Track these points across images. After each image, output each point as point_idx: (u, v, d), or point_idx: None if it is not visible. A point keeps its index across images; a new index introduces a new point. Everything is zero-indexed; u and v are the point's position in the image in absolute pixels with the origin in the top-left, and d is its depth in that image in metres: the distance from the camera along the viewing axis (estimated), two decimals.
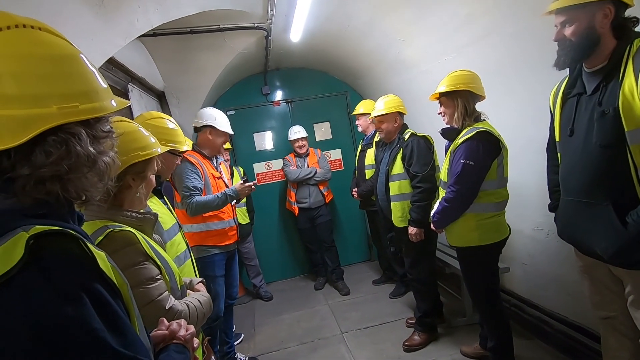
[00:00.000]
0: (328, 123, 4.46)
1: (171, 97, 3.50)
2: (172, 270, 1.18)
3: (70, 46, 0.58)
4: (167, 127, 1.70)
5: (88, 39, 1.64)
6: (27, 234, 0.47)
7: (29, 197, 0.52)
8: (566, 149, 1.45)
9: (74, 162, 0.54)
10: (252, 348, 2.96)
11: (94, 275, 0.52)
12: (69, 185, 0.55)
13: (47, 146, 0.51)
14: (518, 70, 2.18)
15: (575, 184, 1.40)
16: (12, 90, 0.49)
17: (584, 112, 1.34)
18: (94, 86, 0.58)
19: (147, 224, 1.16)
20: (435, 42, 2.71)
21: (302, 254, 4.38)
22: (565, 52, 1.31)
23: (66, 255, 0.50)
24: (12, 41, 0.52)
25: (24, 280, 0.45)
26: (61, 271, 0.48)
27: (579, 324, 2.14)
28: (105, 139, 0.61)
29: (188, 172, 2.19)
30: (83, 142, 0.55)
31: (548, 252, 2.29)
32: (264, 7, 2.79)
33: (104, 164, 0.59)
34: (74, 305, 0.47)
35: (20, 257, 0.45)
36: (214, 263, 2.27)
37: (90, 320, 0.48)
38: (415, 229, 2.40)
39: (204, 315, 1.21)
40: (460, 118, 1.97)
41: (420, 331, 2.62)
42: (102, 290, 0.52)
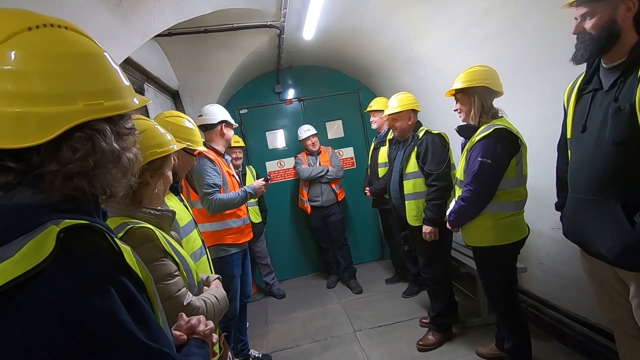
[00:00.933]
0: (340, 121, 4.45)
1: (185, 96, 3.54)
2: (189, 267, 1.20)
3: (95, 45, 0.60)
4: (185, 126, 1.73)
5: (106, 39, 1.67)
6: (57, 228, 0.48)
7: (57, 192, 0.53)
8: (577, 145, 1.41)
9: (99, 157, 0.55)
10: (266, 345, 2.98)
11: (121, 269, 0.53)
12: (95, 180, 0.56)
13: (74, 142, 0.53)
14: (539, 66, 2.13)
15: (583, 180, 1.36)
16: (40, 88, 0.50)
17: (598, 108, 1.30)
18: (117, 84, 0.59)
19: (165, 221, 1.18)
20: (450, 38, 2.66)
21: (314, 252, 4.38)
22: (584, 46, 1.27)
23: (94, 249, 0.51)
24: (40, 40, 0.53)
25: (55, 272, 0.46)
26: (90, 264, 0.49)
27: (599, 325, 2.09)
28: (128, 135, 0.62)
29: (208, 168, 2.18)
30: (108, 138, 0.56)
31: (567, 252, 2.23)
32: (277, 5, 2.80)
33: (127, 159, 0.60)
34: (102, 297, 0.48)
35: (52, 250, 0.46)
36: (233, 262, 2.27)
37: (118, 312, 0.49)
38: (430, 228, 2.37)
39: (220, 311, 1.22)
40: (477, 115, 1.93)
41: (434, 331, 2.59)
42: (129, 284, 0.53)
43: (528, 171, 1.96)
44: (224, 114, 2.41)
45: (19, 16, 0.53)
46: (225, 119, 2.39)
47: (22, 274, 0.44)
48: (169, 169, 1.24)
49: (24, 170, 0.51)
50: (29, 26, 0.52)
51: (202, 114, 2.40)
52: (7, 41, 0.50)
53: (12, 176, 0.50)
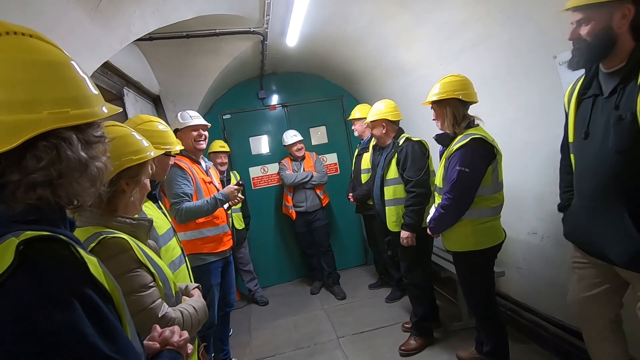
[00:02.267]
0: (324, 127, 4.47)
1: (167, 101, 3.49)
2: (166, 277, 1.17)
3: (61, 53, 0.59)
4: (158, 130, 1.67)
5: (84, 43, 1.63)
6: (16, 240, 0.47)
7: (19, 202, 0.52)
8: (580, 151, 1.41)
9: (64, 166, 0.54)
10: (248, 354, 2.94)
11: (85, 280, 0.52)
12: (60, 190, 0.55)
13: (38, 151, 0.52)
14: (513, 75, 2.21)
15: (589, 188, 1.36)
16: (3, 95, 0.49)
17: (600, 115, 1.29)
18: (84, 92, 0.59)
19: (141, 230, 1.15)
20: (431, 48, 2.73)
21: (298, 258, 4.37)
22: (579, 53, 1.27)
23: (57, 260, 0.50)
24: (3, 48, 0.52)
25: (14, 286, 0.44)
26: (51, 276, 0.48)
27: (575, 328, 2.15)
28: (97, 144, 0.61)
29: (178, 178, 2.12)
30: (74, 147, 0.55)
31: (544, 255, 2.30)
32: (260, 11, 2.80)
33: (95, 168, 0.59)
34: (64, 310, 0.46)
35: (10, 263, 0.44)
36: (211, 271, 2.21)
37: (81, 325, 0.47)
38: (407, 234, 2.41)
39: (199, 321, 1.19)
40: (450, 125, 1.98)
41: (416, 335, 2.61)
42: (93, 295, 0.51)
43: (505, 177, 2.01)
44: (175, 122, 2.33)
45: None
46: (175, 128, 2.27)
47: None
48: (146, 176, 1.21)
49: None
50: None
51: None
52: None
53: None
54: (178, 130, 2.28)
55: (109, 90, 2.48)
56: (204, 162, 2.41)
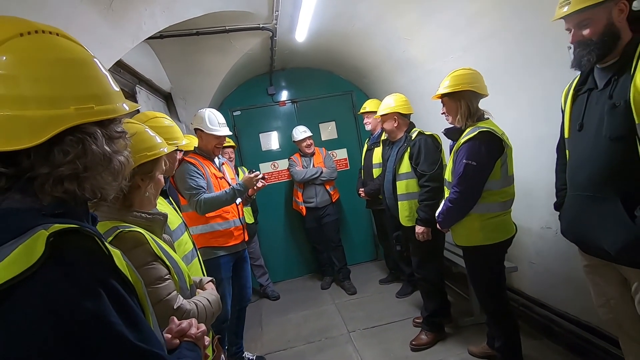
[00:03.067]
0: (334, 122, 4.47)
1: (178, 98, 3.53)
2: (181, 270, 1.19)
3: (85, 51, 0.61)
4: (165, 126, 1.69)
5: (97, 42, 1.67)
6: (46, 232, 0.48)
7: (47, 195, 0.54)
8: (575, 144, 1.43)
9: (89, 160, 0.56)
10: (260, 347, 2.98)
11: (111, 272, 0.54)
12: (85, 183, 0.57)
13: (65, 145, 0.54)
14: (528, 67, 2.16)
15: (583, 178, 1.38)
16: (32, 92, 0.51)
17: (594, 107, 1.32)
18: (107, 89, 0.61)
19: (156, 224, 1.18)
20: (441, 41, 2.69)
21: (308, 254, 4.39)
22: (588, 52, 1.29)
23: (84, 252, 0.52)
24: (32, 46, 0.54)
25: (45, 276, 0.46)
26: (79, 267, 0.50)
27: (589, 323, 2.12)
28: (118, 139, 0.63)
29: (190, 172, 2.16)
30: (98, 141, 0.57)
31: (557, 250, 2.26)
32: (269, 8, 2.80)
33: (118, 162, 0.62)
34: (92, 299, 0.48)
35: (41, 254, 0.46)
36: (220, 265, 2.24)
37: (108, 314, 0.49)
38: (422, 228, 2.39)
39: (212, 314, 1.22)
40: (464, 118, 1.96)
41: (427, 331, 2.61)
42: (118, 287, 0.53)
43: (518, 171, 1.99)
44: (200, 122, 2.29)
45: (11, 23, 0.54)
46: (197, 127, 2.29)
47: (13, 277, 0.44)
48: (160, 172, 1.24)
49: (14, 174, 0.52)
50: (20, 32, 0.53)
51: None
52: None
53: (3, 181, 0.51)
54: (199, 129, 2.29)
55: (122, 89, 2.51)
56: (217, 158, 2.43)
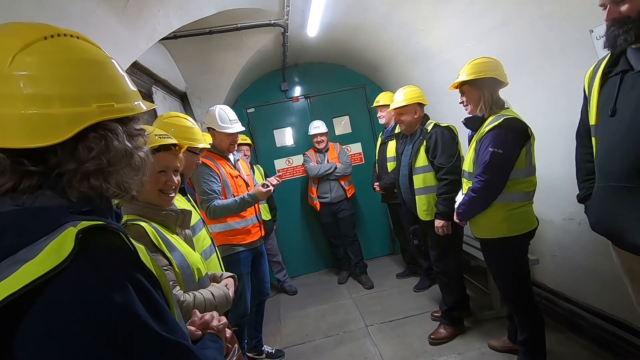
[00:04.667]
0: (347, 117, 4.44)
1: (193, 97, 3.59)
2: (187, 264, 1.25)
3: (103, 52, 0.64)
4: (185, 126, 1.73)
5: (113, 44, 1.70)
6: (75, 229, 0.51)
7: (75, 191, 0.57)
8: (605, 131, 1.32)
9: (113, 155, 0.59)
10: (279, 341, 3.02)
11: (136, 267, 0.56)
12: (110, 178, 0.60)
13: (89, 142, 0.57)
14: (546, 53, 2.08)
15: (617, 167, 1.28)
16: (56, 91, 0.54)
17: (630, 90, 1.22)
18: (124, 89, 0.63)
19: (169, 219, 1.27)
20: (456, 30, 2.63)
21: (325, 249, 4.41)
22: (625, 30, 1.18)
23: (111, 248, 0.54)
24: (55, 48, 0.57)
25: (75, 271, 0.48)
26: (107, 262, 0.52)
27: (616, 317, 2.05)
28: (138, 136, 0.66)
29: (205, 175, 2.17)
30: (120, 137, 0.60)
31: (580, 242, 2.20)
32: (280, 3, 2.80)
33: (139, 158, 0.64)
34: (120, 293, 0.50)
35: (71, 250, 0.48)
36: (240, 261, 2.29)
37: (136, 307, 0.51)
38: (442, 222, 2.36)
39: (214, 307, 1.24)
40: (487, 106, 1.91)
41: (446, 324, 2.58)
42: (144, 280, 0.55)
43: (540, 162, 1.93)
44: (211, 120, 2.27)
45: (35, 28, 0.57)
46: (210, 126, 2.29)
47: (45, 272, 0.46)
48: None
49: (45, 172, 0.54)
50: (44, 36, 0.56)
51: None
52: (25, 49, 0.54)
53: (35, 179, 0.54)
54: (211, 129, 2.30)
55: (139, 89, 2.58)
56: (232, 155, 2.43)
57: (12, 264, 0.47)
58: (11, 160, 0.53)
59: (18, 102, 0.52)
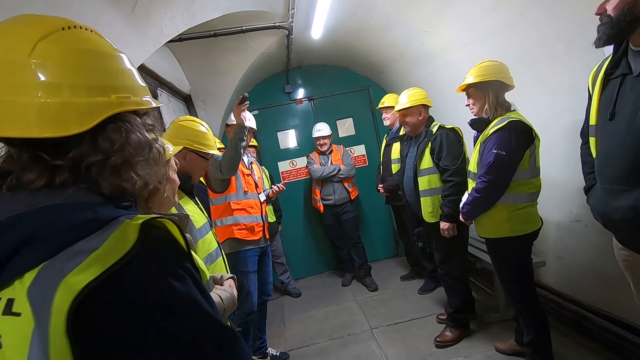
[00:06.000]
0: (351, 119, 4.45)
1: (197, 100, 3.60)
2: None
3: (115, 47, 0.64)
4: (199, 130, 1.77)
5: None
6: (134, 222, 0.51)
7: (108, 184, 0.57)
8: (605, 133, 1.33)
9: (135, 147, 0.59)
10: (283, 343, 3.01)
11: (187, 257, 0.58)
12: (138, 169, 0.60)
13: (108, 133, 0.56)
14: (553, 55, 2.08)
15: (613, 170, 1.29)
16: (78, 79, 0.54)
17: (628, 94, 1.22)
18: (137, 83, 0.64)
19: None
20: (460, 31, 2.63)
21: (328, 251, 4.40)
22: (603, 29, 1.20)
23: (167, 239, 0.55)
24: (74, 38, 0.57)
25: (142, 260, 0.50)
26: (166, 253, 0.54)
27: (623, 319, 2.04)
28: (151, 131, 0.66)
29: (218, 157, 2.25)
30: (139, 128, 0.60)
31: (587, 244, 2.18)
32: (285, 6, 2.82)
33: (156, 150, 0.65)
34: (180, 282, 0.52)
35: (135, 240, 0.50)
36: (247, 259, 2.32)
37: (195, 294, 0.53)
38: (447, 224, 2.36)
39: (223, 310, 1.25)
40: (492, 109, 1.93)
41: (452, 327, 2.57)
42: (194, 270, 0.57)
43: (545, 163, 1.94)
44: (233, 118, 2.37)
45: (52, 19, 0.58)
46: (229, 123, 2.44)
47: (115, 262, 0.47)
48: (173, 171, 1.31)
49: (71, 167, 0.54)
50: (62, 27, 0.56)
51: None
52: (45, 38, 0.54)
53: (66, 174, 0.54)
54: (228, 125, 2.41)
55: None
56: (246, 157, 2.53)
57: (75, 255, 0.47)
58: (30, 155, 0.53)
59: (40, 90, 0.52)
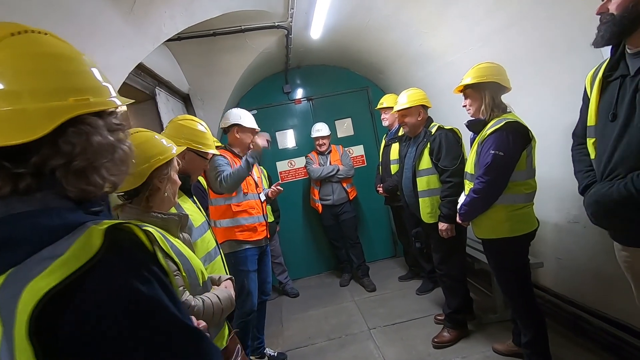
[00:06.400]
0: (350, 119, 4.44)
1: (196, 99, 3.59)
2: (192, 268, 1.23)
3: (73, 48, 0.63)
4: (197, 129, 1.76)
5: (120, 45, 1.70)
6: (99, 227, 0.52)
7: (74, 188, 0.57)
8: (605, 134, 1.34)
9: (97, 149, 0.59)
10: (281, 344, 3.01)
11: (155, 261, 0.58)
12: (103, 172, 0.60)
13: (68, 137, 0.56)
14: (552, 55, 2.09)
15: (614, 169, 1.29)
16: (30, 85, 0.54)
17: (627, 95, 1.24)
18: (98, 84, 0.63)
19: (171, 224, 1.25)
20: (460, 32, 2.64)
21: (327, 251, 4.40)
22: (605, 27, 1.21)
23: (134, 244, 0.56)
24: (25, 43, 0.56)
25: (107, 264, 0.50)
26: (133, 257, 0.54)
27: (621, 320, 2.04)
28: (118, 131, 0.65)
29: (219, 160, 2.28)
30: (100, 131, 0.60)
31: (585, 245, 2.19)
32: (284, 5, 2.81)
33: (122, 151, 0.64)
34: (147, 285, 0.52)
35: (100, 246, 0.50)
36: (247, 258, 2.31)
37: (161, 297, 0.54)
38: (446, 225, 2.36)
39: (222, 310, 1.24)
40: (488, 110, 1.94)
41: (450, 328, 2.57)
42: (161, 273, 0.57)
43: (544, 163, 1.95)
44: (236, 118, 2.45)
45: (1, 25, 0.57)
46: (236, 123, 2.44)
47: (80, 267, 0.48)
48: (174, 171, 1.31)
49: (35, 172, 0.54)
50: (11, 32, 0.55)
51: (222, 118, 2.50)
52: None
53: (28, 180, 0.53)
54: (235, 125, 2.43)
55: (143, 91, 2.58)
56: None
57: (42, 261, 0.47)
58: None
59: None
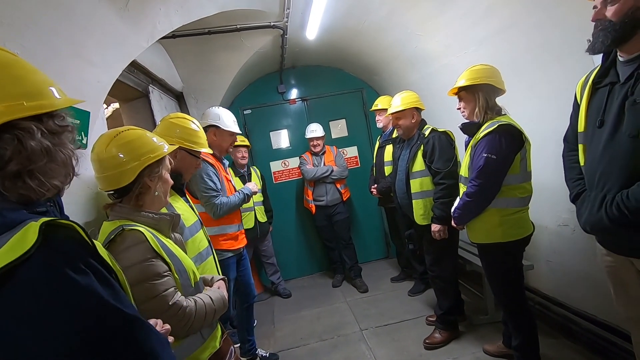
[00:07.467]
0: (344, 120, 4.45)
1: (189, 97, 3.56)
2: (184, 268, 1.22)
3: (8, 54, 0.64)
4: (190, 128, 1.74)
5: (114, 42, 1.68)
6: (37, 223, 0.54)
7: (13, 192, 0.59)
8: (593, 140, 1.35)
9: (31, 154, 0.59)
10: (273, 344, 2.99)
11: (92, 254, 0.61)
12: (39, 174, 0.61)
13: (2, 143, 0.57)
14: (540, 62, 2.12)
15: (602, 177, 1.30)
16: None
17: (615, 102, 1.25)
18: (37, 87, 0.63)
19: (162, 224, 1.22)
20: (455, 36, 2.66)
21: (319, 252, 4.39)
22: (604, 33, 1.21)
23: (70, 239, 0.58)
24: None
25: (40, 258, 0.53)
26: (68, 250, 0.57)
27: (608, 322, 2.08)
28: (62, 133, 0.66)
29: (210, 172, 2.16)
30: (34, 135, 0.60)
31: (575, 248, 2.22)
32: (280, 5, 2.80)
33: (62, 155, 0.65)
34: (81, 275, 0.55)
35: (35, 240, 0.52)
36: (229, 266, 2.24)
37: (97, 288, 0.56)
38: (439, 227, 2.37)
39: (214, 310, 1.23)
40: (482, 112, 1.94)
41: (441, 329, 2.59)
42: (99, 266, 0.60)
43: (536, 167, 1.95)
44: (215, 118, 2.30)
45: None
46: (214, 124, 2.30)
47: (12, 260, 0.50)
48: (166, 170, 1.28)
49: None
50: None
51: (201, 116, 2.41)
52: None
53: None
54: (213, 127, 2.31)
55: (136, 88, 2.55)
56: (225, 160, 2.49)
57: None
58: None
59: None
